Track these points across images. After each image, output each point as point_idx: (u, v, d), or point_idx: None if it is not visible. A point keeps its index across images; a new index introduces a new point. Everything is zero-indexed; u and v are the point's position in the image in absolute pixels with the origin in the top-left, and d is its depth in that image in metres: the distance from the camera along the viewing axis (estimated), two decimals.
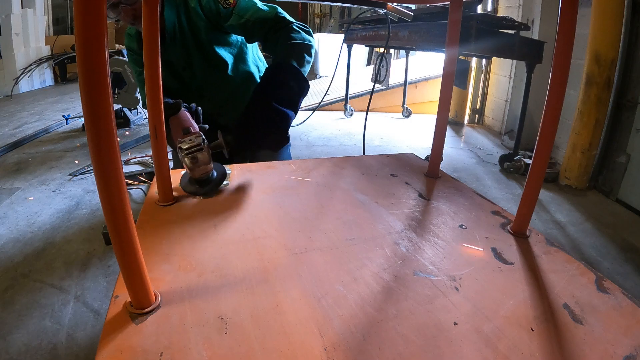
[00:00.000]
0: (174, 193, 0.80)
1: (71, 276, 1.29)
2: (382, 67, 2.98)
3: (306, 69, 0.97)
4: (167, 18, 1.13)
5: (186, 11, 1.14)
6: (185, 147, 0.76)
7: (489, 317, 0.49)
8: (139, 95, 3.10)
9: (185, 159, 0.76)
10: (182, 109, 1.04)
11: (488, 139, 3.26)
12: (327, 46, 6.01)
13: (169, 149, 0.86)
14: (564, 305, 0.52)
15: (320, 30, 9.93)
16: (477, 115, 3.74)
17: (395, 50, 5.14)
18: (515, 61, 3.02)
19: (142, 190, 1.98)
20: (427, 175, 0.98)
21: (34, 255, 1.40)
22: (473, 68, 3.60)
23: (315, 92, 4.67)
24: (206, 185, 0.80)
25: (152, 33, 0.68)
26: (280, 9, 1.09)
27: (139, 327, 0.45)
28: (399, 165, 1.05)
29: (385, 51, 3.07)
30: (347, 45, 3.67)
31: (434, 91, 4.13)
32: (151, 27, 0.68)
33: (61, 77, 5.72)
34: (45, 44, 5.54)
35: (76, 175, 2.17)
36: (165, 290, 0.52)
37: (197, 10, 1.13)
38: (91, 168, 0.55)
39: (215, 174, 0.82)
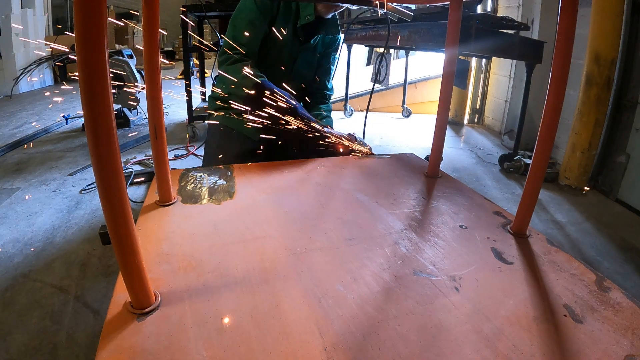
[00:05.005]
0: (174, 193, 0.80)
1: (71, 276, 1.29)
2: (382, 67, 2.98)
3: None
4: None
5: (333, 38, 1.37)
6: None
7: (489, 317, 0.49)
8: (139, 95, 3.09)
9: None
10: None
11: (488, 139, 3.26)
12: None
13: (169, 148, 0.86)
14: (564, 305, 0.52)
15: None
16: (477, 115, 3.74)
17: (395, 50, 5.14)
18: (515, 61, 3.01)
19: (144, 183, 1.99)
20: (427, 175, 0.98)
21: (34, 255, 1.40)
22: (473, 68, 3.60)
23: None
24: None
25: (152, 33, 0.68)
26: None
27: (139, 327, 0.45)
28: (399, 165, 1.05)
29: (385, 51, 3.07)
30: (347, 45, 3.66)
31: (434, 91, 4.13)
32: (151, 27, 0.68)
33: (61, 77, 5.71)
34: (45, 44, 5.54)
35: (75, 174, 2.17)
36: (165, 290, 0.52)
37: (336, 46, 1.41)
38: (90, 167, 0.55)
39: None
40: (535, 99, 2.54)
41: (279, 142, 1.17)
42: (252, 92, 1.06)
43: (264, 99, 1.04)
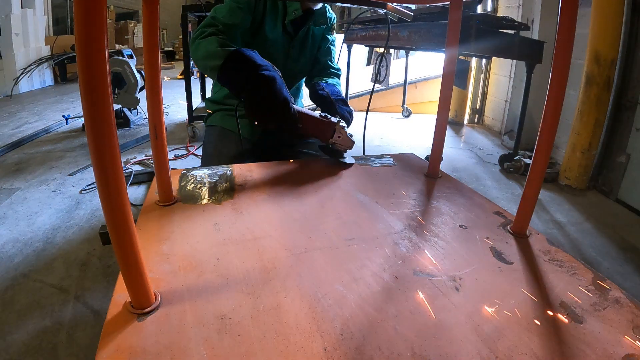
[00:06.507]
0: (174, 193, 0.80)
1: (71, 276, 1.29)
2: (382, 67, 2.98)
3: None
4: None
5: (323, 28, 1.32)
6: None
7: (489, 317, 0.49)
8: (139, 95, 3.09)
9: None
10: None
11: (488, 139, 3.26)
12: None
13: (169, 148, 0.85)
14: (564, 305, 0.52)
15: None
16: (477, 115, 3.74)
17: (395, 50, 5.14)
18: (515, 61, 3.01)
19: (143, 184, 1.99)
20: (427, 175, 0.98)
21: (34, 255, 1.40)
22: (473, 68, 3.60)
23: None
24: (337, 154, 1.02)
25: (152, 33, 0.68)
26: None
27: (139, 327, 0.45)
28: (399, 165, 1.05)
29: (385, 51, 3.07)
30: (347, 45, 3.66)
31: (434, 91, 4.13)
32: (151, 27, 0.68)
33: (61, 77, 5.71)
34: (45, 44, 5.54)
35: (75, 174, 2.17)
36: (165, 290, 0.52)
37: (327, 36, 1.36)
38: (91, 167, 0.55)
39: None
40: (535, 99, 2.54)
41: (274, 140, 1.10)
42: (226, 61, 0.93)
43: (242, 71, 0.91)
